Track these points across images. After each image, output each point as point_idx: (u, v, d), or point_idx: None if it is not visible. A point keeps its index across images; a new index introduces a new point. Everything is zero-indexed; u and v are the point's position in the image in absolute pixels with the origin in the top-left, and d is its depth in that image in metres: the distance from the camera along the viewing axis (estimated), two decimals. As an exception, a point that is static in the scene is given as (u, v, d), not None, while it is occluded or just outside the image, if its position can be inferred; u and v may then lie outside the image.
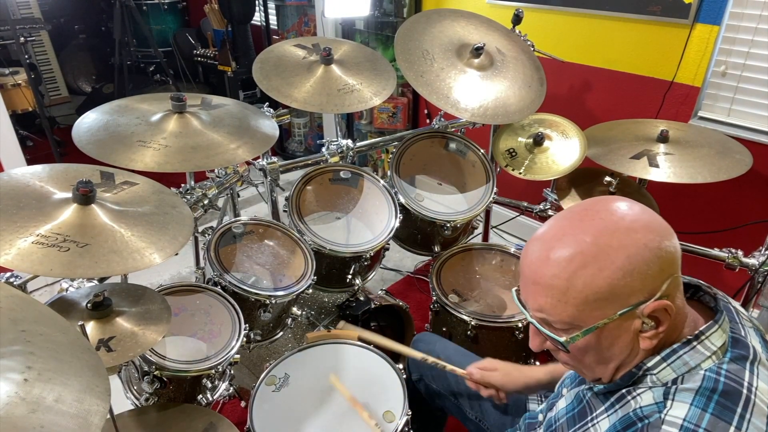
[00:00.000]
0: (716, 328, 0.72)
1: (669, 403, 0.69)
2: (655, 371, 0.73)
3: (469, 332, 1.61)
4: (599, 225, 0.70)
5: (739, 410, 0.65)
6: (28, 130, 3.73)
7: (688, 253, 1.76)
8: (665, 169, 1.58)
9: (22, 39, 3.06)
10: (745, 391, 0.67)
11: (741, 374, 0.68)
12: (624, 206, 0.72)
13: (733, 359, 0.70)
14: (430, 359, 1.30)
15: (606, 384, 0.79)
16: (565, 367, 0.85)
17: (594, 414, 0.81)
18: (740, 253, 1.64)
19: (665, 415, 0.68)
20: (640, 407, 0.72)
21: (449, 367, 1.28)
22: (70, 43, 4.73)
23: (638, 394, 0.74)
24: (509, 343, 1.64)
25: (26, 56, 3.11)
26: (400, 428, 1.21)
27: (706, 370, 0.70)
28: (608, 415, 0.77)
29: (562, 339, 0.73)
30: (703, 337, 0.72)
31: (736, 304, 0.82)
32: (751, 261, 1.62)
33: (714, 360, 0.70)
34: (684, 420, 0.66)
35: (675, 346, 0.72)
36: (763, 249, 1.63)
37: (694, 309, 0.78)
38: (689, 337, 0.72)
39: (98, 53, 4.76)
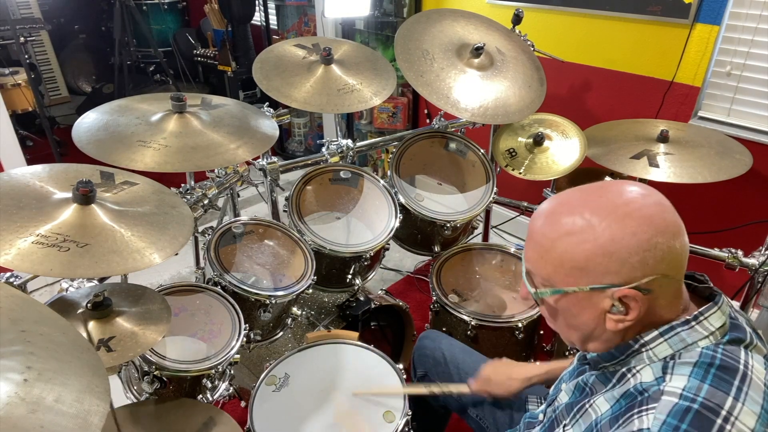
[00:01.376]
0: (715, 309, 0.74)
1: (668, 377, 0.71)
2: (651, 345, 0.74)
3: (469, 332, 1.61)
4: (601, 203, 0.73)
5: (736, 383, 0.67)
6: (28, 130, 3.73)
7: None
8: (665, 169, 1.58)
9: (22, 39, 3.06)
10: (741, 367, 0.69)
11: (737, 354, 0.71)
12: (637, 194, 0.73)
13: (731, 341, 0.72)
14: (435, 389, 1.31)
15: (596, 354, 0.82)
16: (550, 325, 0.88)
17: (593, 394, 0.82)
18: (740, 253, 1.64)
19: (665, 386, 0.70)
20: (641, 382, 0.74)
21: (451, 388, 1.29)
22: (70, 43, 4.73)
23: (638, 371, 0.76)
24: (509, 343, 1.64)
25: (26, 56, 3.11)
26: (400, 428, 1.21)
27: (703, 348, 0.72)
28: (608, 393, 0.78)
29: (533, 291, 0.80)
30: (701, 318, 0.73)
31: (728, 301, 0.83)
32: (751, 261, 1.62)
33: (711, 340, 0.72)
34: (683, 390, 0.68)
35: (674, 323, 0.74)
36: (763, 249, 1.62)
37: (691, 300, 0.80)
38: (688, 317, 0.74)
39: (98, 53, 4.75)
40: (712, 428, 0.64)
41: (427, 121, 2.12)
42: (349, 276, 1.69)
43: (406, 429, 1.23)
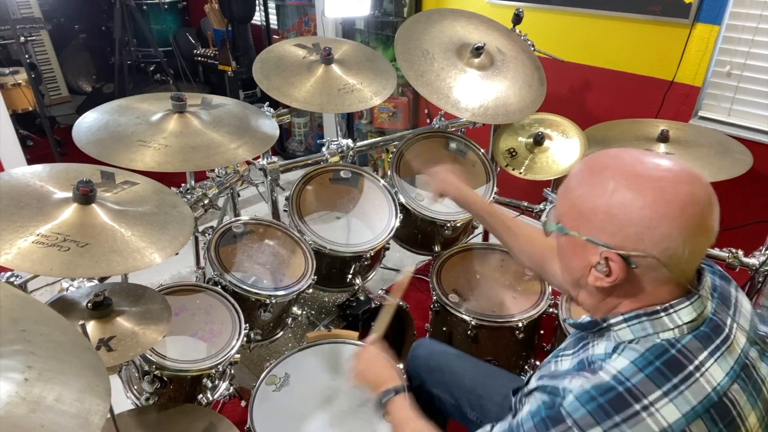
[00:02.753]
0: (686, 304, 0.74)
1: (615, 356, 0.73)
2: (615, 328, 0.77)
3: (469, 332, 1.61)
4: (632, 169, 0.74)
5: (675, 380, 0.68)
6: (28, 129, 3.73)
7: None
8: (665, 169, 1.58)
9: (22, 39, 3.06)
10: (690, 367, 0.70)
11: (696, 353, 0.71)
12: (673, 175, 0.73)
13: (698, 337, 0.72)
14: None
15: (575, 320, 0.87)
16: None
17: (563, 348, 0.89)
18: (740, 253, 1.64)
19: (606, 363, 0.72)
20: (593, 354, 0.78)
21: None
22: (70, 43, 4.73)
23: (596, 343, 0.80)
24: (509, 342, 1.64)
25: (26, 56, 3.11)
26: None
27: (662, 339, 0.73)
28: (571, 355, 0.84)
29: (544, 219, 0.85)
30: (671, 310, 0.74)
31: (744, 301, 0.84)
32: (751, 261, 1.62)
33: (675, 333, 0.73)
34: (618, 372, 0.70)
35: (640, 311, 0.75)
36: (763, 249, 1.62)
37: None
38: (658, 307, 0.74)
39: (98, 53, 4.75)
40: (626, 410, 0.67)
41: (428, 120, 2.12)
42: (350, 276, 1.69)
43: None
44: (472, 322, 1.60)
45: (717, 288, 0.83)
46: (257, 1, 3.55)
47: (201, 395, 1.31)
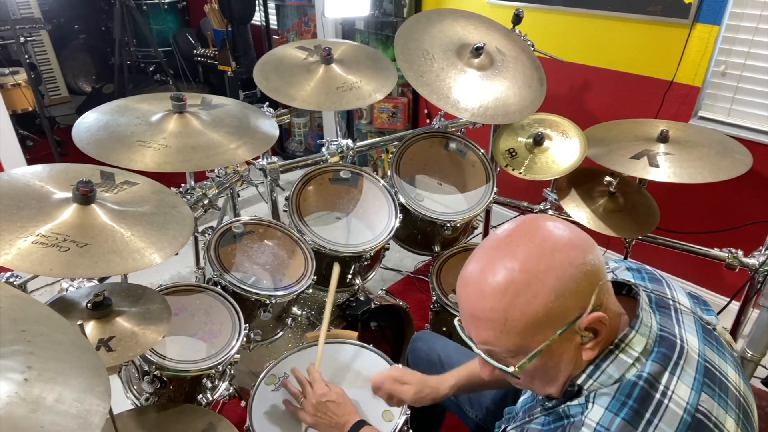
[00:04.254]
0: (633, 334, 0.74)
1: (590, 405, 0.73)
2: (585, 386, 0.75)
3: (469, 332, 1.61)
4: (524, 251, 0.71)
5: (647, 416, 0.68)
6: (28, 130, 3.73)
7: (689, 253, 1.76)
8: (665, 169, 1.58)
9: (22, 39, 3.06)
10: (657, 395, 0.70)
11: (660, 377, 0.71)
12: (544, 226, 0.74)
13: (657, 360, 0.73)
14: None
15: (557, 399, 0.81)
16: (521, 387, 0.89)
17: (537, 410, 0.86)
18: (740, 253, 1.64)
19: (585, 417, 0.72)
20: (568, 405, 0.76)
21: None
22: (70, 43, 4.73)
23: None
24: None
25: (26, 56, 3.11)
26: (399, 428, 1.21)
27: (628, 377, 0.72)
28: (543, 412, 0.82)
29: (511, 369, 0.74)
30: (623, 345, 0.74)
31: (680, 297, 0.85)
32: (751, 261, 1.62)
33: (637, 366, 0.73)
34: (597, 423, 0.70)
35: (597, 360, 0.74)
36: (763, 249, 1.63)
37: (629, 305, 0.80)
38: (611, 347, 0.74)
39: (98, 53, 4.75)
40: None
41: (427, 121, 2.12)
42: (350, 276, 1.69)
43: (405, 428, 1.23)
44: (472, 323, 1.59)
45: (652, 298, 0.84)
46: (257, 2, 3.55)
47: (201, 395, 1.31)
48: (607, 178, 1.69)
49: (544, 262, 0.70)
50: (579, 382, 0.75)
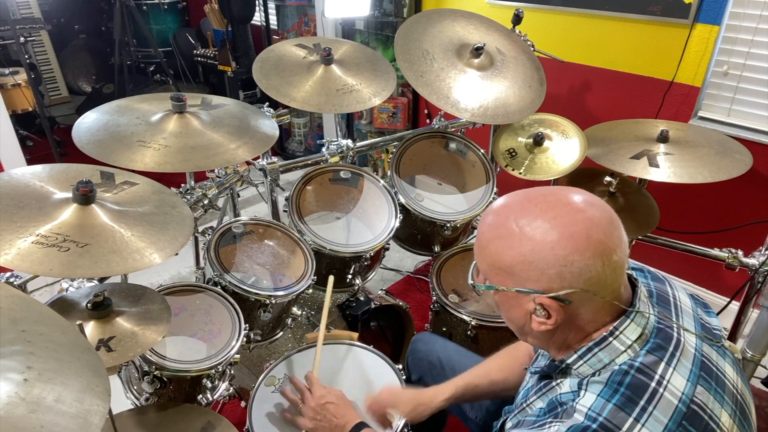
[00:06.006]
0: (628, 322, 0.75)
1: (582, 392, 0.74)
2: (574, 367, 0.79)
3: (469, 332, 1.61)
4: (532, 213, 0.75)
5: (642, 402, 0.69)
6: (28, 130, 3.73)
7: (689, 253, 1.76)
8: (665, 169, 1.58)
9: (22, 39, 3.06)
10: (653, 384, 0.70)
11: (655, 367, 0.72)
12: (570, 208, 0.74)
13: (651, 350, 0.73)
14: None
15: (536, 367, 0.89)
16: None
17: (528, 387, 0.90)
18: (740, 253, 1.64)
19: (577, 403, 0.73)
20: (560, 394, 0.79)
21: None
22: (70, 43, 4.73)
23: (561, 382, 0.82)
24: (509, 343, 1.64)
25: (26, 56, 3.11)
26: (399, 429, 1.21)
27: (620, 364, 0.73)
28: (538, 397, 0.85)
29: (471, 281, 0.86)
30: (617, 332, 0.75)
31: (682, 296, 0.86)
32: (751, 261, 1.62)
33: (629, 354, 0.74)
34: (589, 409, 0.71)
35: (590, 344, 0.76)
36: (763, 249, 1.62)
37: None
38: (605, 333, 0.76)
39: (98, 53, 4.75)
40: None
41: (427, 121, 2.12)
42: (349, 276, 1.69)
43: (406, 430, 1.23)
44: (472, 323, 1.60)
45: (653, 293, 0.84)
46: (257, 2, 3.55)
47: (201, 395, 1.31)
48: (607, 178, 1.69)
49: (533, 231, 0.73)
50: (569, 361, 0.79)
